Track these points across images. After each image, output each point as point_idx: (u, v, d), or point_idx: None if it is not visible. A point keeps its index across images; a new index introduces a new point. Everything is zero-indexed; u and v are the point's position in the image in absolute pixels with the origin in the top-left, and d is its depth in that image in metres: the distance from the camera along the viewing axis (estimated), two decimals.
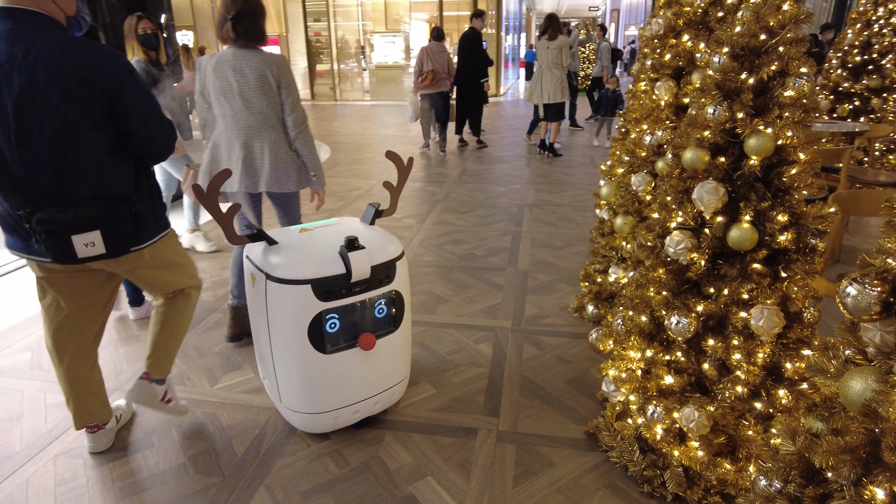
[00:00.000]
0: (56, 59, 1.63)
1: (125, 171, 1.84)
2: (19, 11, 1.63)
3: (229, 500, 1.90)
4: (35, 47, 1.61)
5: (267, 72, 2.57)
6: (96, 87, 1.68)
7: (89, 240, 1.74)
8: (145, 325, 3.09)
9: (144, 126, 1.83)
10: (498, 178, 6.23)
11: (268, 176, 2.63)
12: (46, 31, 1.65)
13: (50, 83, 1.62)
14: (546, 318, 3.08)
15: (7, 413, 2.38)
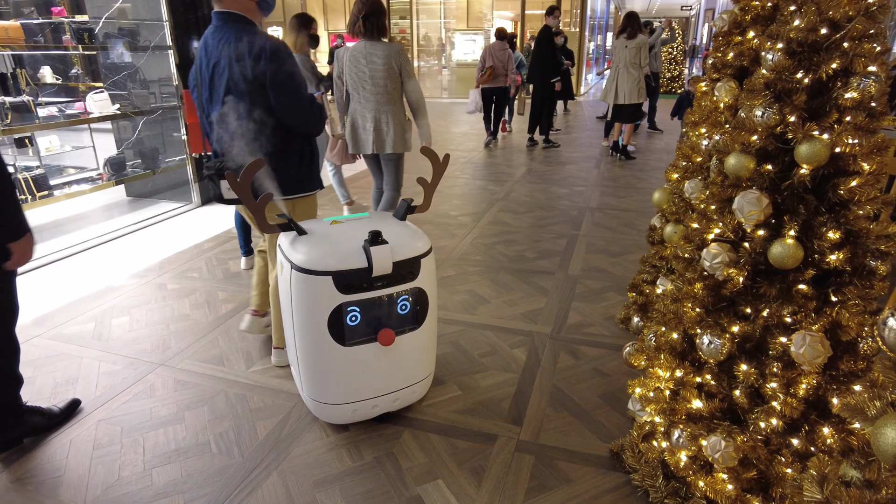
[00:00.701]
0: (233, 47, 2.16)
1: (277, 135, 2.26)
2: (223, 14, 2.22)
3: (243, 482, 1.94)
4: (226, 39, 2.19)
5: (391, 59, 3.45)
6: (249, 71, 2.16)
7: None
8: (196, 306, 3.24)
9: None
10: (563, 180, 6.07)
11: (392, 140, 3.59)
12: (238, 28, 2.20)
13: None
14: (589, 328, 2.95)
15: (65, 377, 2.57)
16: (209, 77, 2.24)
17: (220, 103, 2.21)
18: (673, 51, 11.90)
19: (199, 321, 3.06)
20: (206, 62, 2.24)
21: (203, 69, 2.26)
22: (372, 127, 3.56)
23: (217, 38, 2.21)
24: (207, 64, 2.24)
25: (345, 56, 3.53)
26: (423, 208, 2.30)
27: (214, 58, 2.21)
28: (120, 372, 2.59)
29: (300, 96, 2.24)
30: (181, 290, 3.45)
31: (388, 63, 3.44)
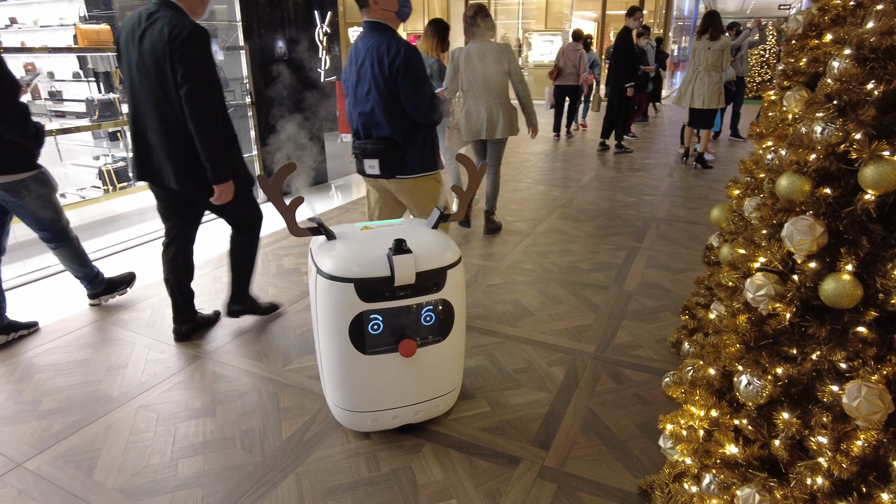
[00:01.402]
0: (375, 51, 2.58)
1: (406, 122, 2.68)
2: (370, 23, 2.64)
3: (260, 482, 1.96)
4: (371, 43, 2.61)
5: (501, 56, 4.02)
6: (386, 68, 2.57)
7: (371, 163, 2.72)
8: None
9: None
10: (631, 187, 5.80)
11: (501, 128, 4.14)
12: (380, 34, 2.61)
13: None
14: (637, 349, 2.77)
15: (117, 361, 2.71)
16: (357, 73, 2.68)
17: (364, 95, 2.66)
18: (765, 53, 11.11)
19: (248, 316, 3.14)
20: (356, 61, 2.68)
21: (353, 66, 2.70)
22: (485, 117, 4.12)
23: (364, 41, 2.65)
24: (356, 62, 2.68)
25: (460, 56, 4.10)
26: (456, 217, 2.23)
27: (361, 58, 2.64)
28: (165, 360, 2.70)
29: (423, 93, 2.62)
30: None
31: (498, 59, 4.02)
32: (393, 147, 2.69)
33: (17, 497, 1.91)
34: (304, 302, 3.30)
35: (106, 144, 6.75)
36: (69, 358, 2.73)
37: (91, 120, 4.35)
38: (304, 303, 3.29)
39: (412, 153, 2.73)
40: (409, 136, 2.71)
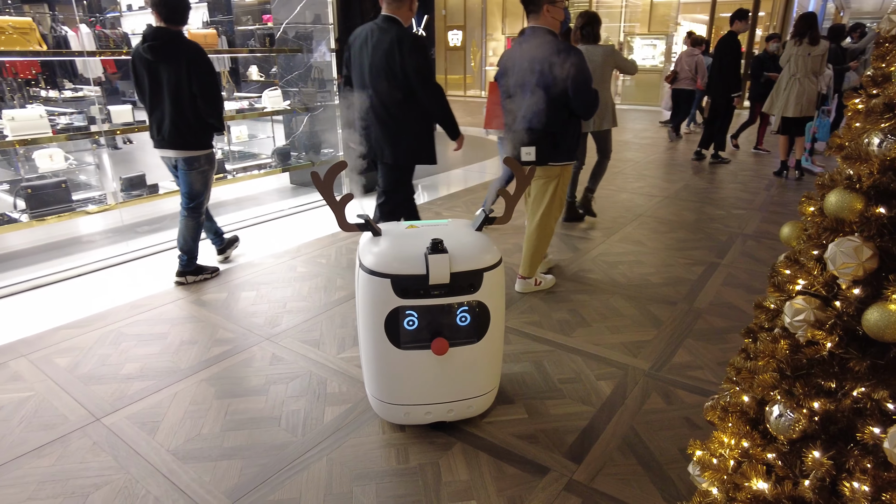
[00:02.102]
0: (539, 56, 2.91)
1: (563, 116, 3.02)
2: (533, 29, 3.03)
3: (295, 462, 2.07)
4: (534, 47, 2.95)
5: (609, 58, 4.33)
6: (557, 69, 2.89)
7: (528, 150, 3.02)
8: (314, 290, 3.50)
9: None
10: (721, 200, 5.45)
11: (609, 120, 4.48)
12: (543, 39, 2.95)
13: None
14: (695, 370, 2.62)
15: (189, 336, 2.95)
16: (518, 71, 3.01)
17: (526, 93, 2.97)
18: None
19: (313, 304, 3.31)
20: (519, 61, 3.01)
21: (515, 67, 3.04)
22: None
23: (528, 43, 3.00)
24: (520, 62, 3.00)
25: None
26: (502, 220, 2.22)
27: (527, 58, 2.97)
28: (232, 340, 2.91)
29: (590, 91, 2.97)
30: (307, 273, 3.76)
31: (606, 61, 4.31)
32: (550, 137, 3.04)
33: (92, 447, 2.15)
34: None
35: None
36: (151, 330, 3.01)
37: None
38: None
39: (565, 143, 3.11)
40: (562, 128, 3.06)
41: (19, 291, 3.52)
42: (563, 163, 3.13)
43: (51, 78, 7.71)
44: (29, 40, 3.54)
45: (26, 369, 2.68)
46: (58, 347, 2.87)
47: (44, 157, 5.01)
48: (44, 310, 3.29)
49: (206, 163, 3.50)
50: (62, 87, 7.74)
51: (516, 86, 3.04)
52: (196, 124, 3.35)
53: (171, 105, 3.27)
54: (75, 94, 7.95)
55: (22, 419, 2.33)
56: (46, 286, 3.61)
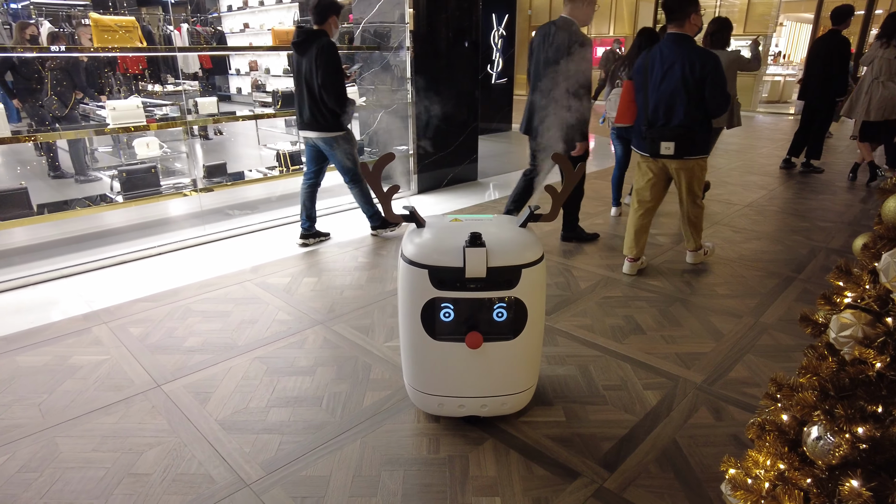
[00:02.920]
0: (686, 58, 3.25)
1: (700, 114, 3.32)
2: (676, 35, 3.33)
3: (330, 441, 2.14)
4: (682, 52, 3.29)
5: (734, 63, 4.71)
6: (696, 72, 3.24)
7: (668, 145, 3.36)
8: (371, 280, 3.59)
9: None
10: (808, 211, 5.07)
11: (724, 120, 4.78)
12: (685, 44, 3.30)
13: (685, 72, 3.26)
14: (753, 388, 2.47)
15: (250, 316, 3.12)
16: (663, 73, 3.31)
17: (669, 91, 3.30)
18: None
19: (368, 293, 3.40)
20: (662, 63, 3.33)
21: (658, 67, 3.34)
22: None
23: (672, 48, 3.29)
24: (662, 64, 3.32)
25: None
26: (548, 218, 2.19)
27: (670, 62, 3.28)
28: (288, 322, 3.05)
29: (725, 93, 3.25)
30: (367, 264, 3.86)
31: (730, 66, 4.52)
32: (689, 133, 3.33)
33: (150, 410, 2.32)
34: None
35: (295, 132, 7.68)
36: (216, 308, 3.20)
37: (274, 109, 5.00)
38: None
39: (700, 138, 3.38)
40: (700, 125, 3.34)
41: (109, 265, 3.85)
42: (698, 157, 3.43)
43: (155, 73, 8.35)
44: (132, 37, 3.85)
45: (105, 336, 2.93)
46: (133, 318, 3.12)
47: (141, 145, 5.45)
48: (127, 283, 3.58)
49: (345, 142, 3.98)
50: (165, 82, 8.37)
51: (655, 84, 3.37)
52: (327, 110, 3.85)
53: (308, 93, 3.83)
54: (176, 87, 8.56)
55: (96, 379, 2.55)
56: (133, 262, 3.92)
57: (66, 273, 3.69)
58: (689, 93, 3.25)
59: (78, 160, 5.95)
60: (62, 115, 5.59)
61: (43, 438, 2.17)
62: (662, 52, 3.34)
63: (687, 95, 3.26)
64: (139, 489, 1.91)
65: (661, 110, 3.36)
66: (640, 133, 3.54)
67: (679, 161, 3.41)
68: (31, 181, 6.02)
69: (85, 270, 3.75)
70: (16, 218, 3.79)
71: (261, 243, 4.28)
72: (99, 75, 6.36)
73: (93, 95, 6.00)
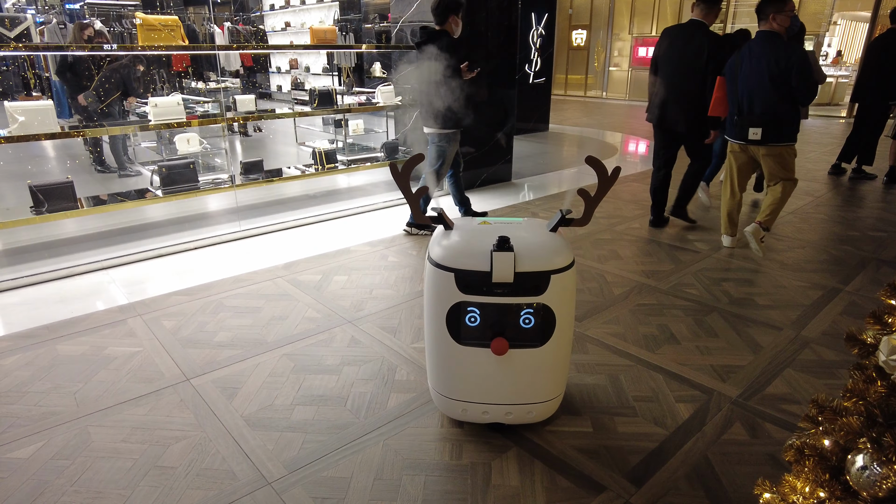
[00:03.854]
0: (772, 52, 3.68)
1: (786, 104, 3.70)
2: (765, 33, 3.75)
3: (353, 442, 2.13)
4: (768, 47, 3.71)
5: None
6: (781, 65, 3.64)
7: (756, 131, 3.76)
8: (401, 280, 3.58)
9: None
10: (857, 220, 4.84)
11: None
12: (776, 41, 3.69)
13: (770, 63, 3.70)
14: (792, 404, 2.36)
15: (280, 313, 3.14)
16: (752, 67, 3.72)
17: (759, 83, 3.72)
18: None
19: (397, 293, 3.39)
20: (751, 58, 3.73)
21: (749, 62, 3.74)
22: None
23: (761, 45, 3.71)
24: (752, 59, 3.73)
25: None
26: (581, 223, 2.13)
27: (756, 57, 3.70)
28: (317, 320, 3.06)
29: (812, 84, 3.60)
30: (397, 263, 3.86)
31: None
32: (776, 120, 3.71)
33: (178, 404, 2.36)
34: None
35: (332, 130, 7.76)
36: (246, 304, 3.24)
37: (311, 107, 5.05)
38: None
39: (787, 126, 3.72)
40: (787, 112, 3.70)
41: (148, 258, 3.94)
42: (785, 143, 3.76)
43: (197, 70, 8.55)
44: (174, 36, 3.94)
45: (139, 328, 2.99)
46: (167, 311, 3.18)
47: (182, 141, 5.58)
48: (163, 276, 3.66)
49: (444, 141, 4.18)
50: (207, 79, 8.56)
51: (745, 77, 3.77)
52: (444, 109, 4.02)
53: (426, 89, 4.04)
54: (217, 85, 8.75)
55: (129, 371, 2.60)
56: (169, 255, 4.01)
57: (107, 265, 3.80)
58: (774, 84, 3.64)
59: (118, 155, 6.14)
60: (109, 112, 5.76)
61: (76, 427, 2.22)
62: (752, 48, 3.75)
63: (773, 86, 3.65)
64: (164, 482, 1.94)
65: (749, 100, 3.77)
66: (731, 122, 3.93)
67: (766, 147, 3.79)
68: (79, 174, 6.24)
69: (124, 262, 3.85)
70: (62, 210, 3.92)
71: (294, 240, 4.33)
72: (146, 73, 6.55)
73: (138, 93, 6.18)
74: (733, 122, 3.91)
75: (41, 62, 8.30)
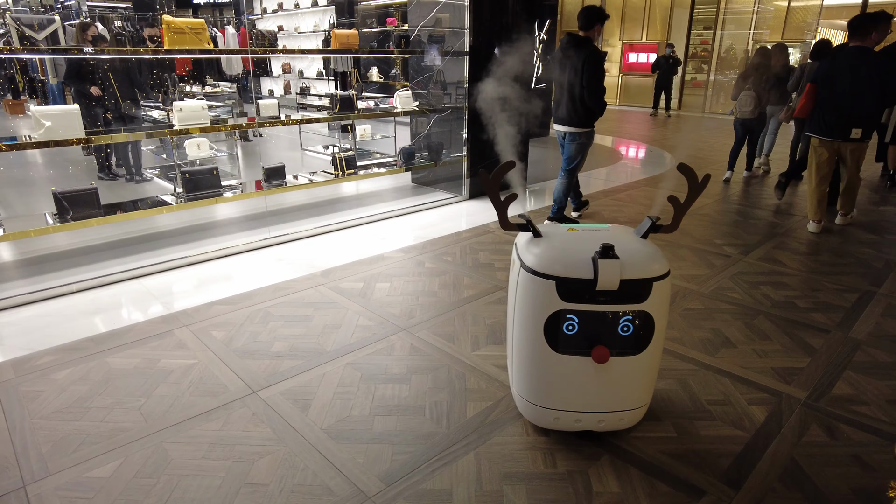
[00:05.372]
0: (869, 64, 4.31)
1: (879, 108, 4.43)
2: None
3: (443, 452, 2.11)
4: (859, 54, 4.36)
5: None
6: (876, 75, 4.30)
7: (857, 131, 4.39)
8: (443, 286, 3.57)
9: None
10: (876, 223, 4.99)
11: None
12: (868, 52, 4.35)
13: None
14: (861, 406, 2.41)
15: (333, 321, 3.10)
16: (852, 77, 4.29)
17: (856, 87, 4.29)
18: None
19: (443, 300, 3.37)
20: (850, 71, 4.30)
21: (846, 74, 4.31)
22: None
23: (858, 57, 4.28)
24: (851, 72, 4.29)
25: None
26: (669, 229, 2.15)
27: (856, 68, 4.28)
28: (371, 328, 3.02)
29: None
30: (435, 269, 3.84)
31: None
32: (872, 121, 4.41)
33: (252, 418, 2.31)
34: (496, 295, 3.43)
35: (337, 136, 7.70)
36: (295, 312, 3.19)
37: (330, 113, 5.00)
38: (495, 296, 3.42)
39: (878, 126, 4.56)
40: (879, 115, 4.45)
41: (177, 266, 3.85)
42: (868, 140, 4.51)
43: (197, 74, 8.40)
44: (201, 39, 3.87)
45: (189, 339, 2.92)
46: (213, 321, 3.11)
47: (192, 146, 5.46)
48: (196, 284, 3.58)
49: (585, 137, 4.48)
50: (205, 83, 8.41)
51: (848, 85, 4.32)
52: (582, 108, 4.33)
53: (568, 93, 4.35)
54: (214, 89, 8.60)
55: (190, 384, 2.54)
56: (198, 263, 3.92)
57: (138, 273, 3.70)
58: (873, 91, 4.24)
59: (134, 161, 5.99)
60: (121, 116, 5.62)
61: (151, 444, 2.16)
62: (851, 61, 4.31)
63: (871, 93, 4.25)
64: (259, 499, 1.89)
65: (852, 104, 4.32)
66: (823, 122, 4.50)
67: (856, 143, 4.45)
68: (80, 182, 6.06)
69: (155, 271, 3.76)
70: (87, 218, 3.81)
71: (324, 246, 4.27)
72: (151, 76, 6.41)
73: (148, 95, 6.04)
74: (829, 123, 4.45)
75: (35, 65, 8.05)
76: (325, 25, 10.44)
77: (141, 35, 6.69)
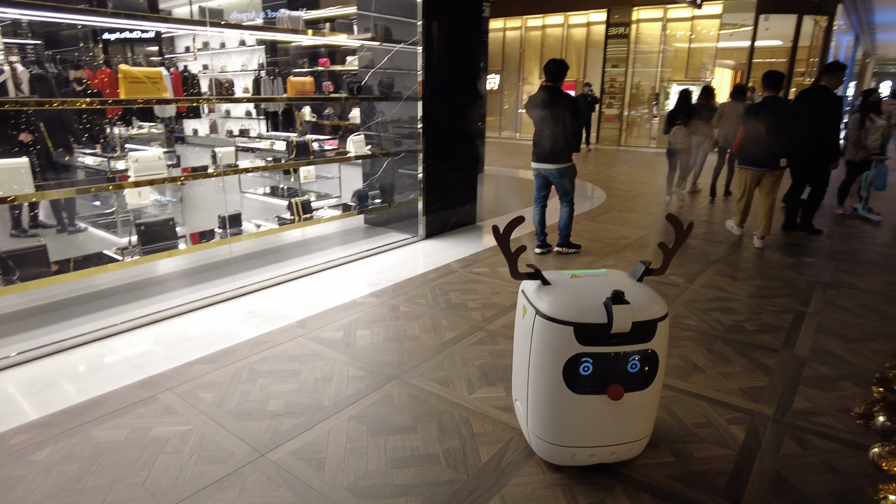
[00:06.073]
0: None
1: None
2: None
3: (469, 498, 2.18)
4: None
5: None
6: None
7: (784, 161, 5.52)
8: (424, 330, 3.65)
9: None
10: (787, 247, 5.60)
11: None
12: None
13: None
14: (819, 417, 2.73)
15: (323, 374, 3.09)
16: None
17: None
18: None
19: (427, 343, 3.45)
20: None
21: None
22: None
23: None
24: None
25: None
26: (660, 272, 2.38)
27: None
28: (364, 378, 3.05)
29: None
30: (411, 313, 3.91)
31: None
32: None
33: (268, 482, 2.27)
34: (476, 336, 3.55)
35: (278, 178, 7.61)
36: (281, 367, 3.15)
37: (287, 159, 4.99)
38: (476, 336, 3.54)
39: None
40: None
41: (140, 326, 3.68)
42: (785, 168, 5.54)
43: (124, 116, 8.03)
44: (159, 88, 3.79)
45: (177, 403, 2.82)
46: (197, 382, 3.01)
47: (133, 194, 5.25)
48: (166, 343, 3.44)
49: (572, 171, 5.09)
50: (131, 125, 8.07)
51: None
52: (566, 146, 4.93)
53: (551, 134, 4.86)
54: (139, 130, 8.28)
55: (191, 452, 2.45)
56: (163, 321, 3.77)
57: (99, 335, 3.50)
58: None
59: (67, 210, 5.63)
60: (51, 164, 5.30)
61: None
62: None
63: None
64: None
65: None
66: (751, 154, 5.42)
67: (773, 171, 5.41)
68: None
69: (117, 332, 3.57)
70: (36, 278, 3.57)
71: (292, 295, 4.23)
72: (82, 121, 6.09)
73: (78, 141, 5.74)
74: (758, 155, 5.43)
75: None
76: (253, 65, 10.34)
77: (65, 76, 6.36)
